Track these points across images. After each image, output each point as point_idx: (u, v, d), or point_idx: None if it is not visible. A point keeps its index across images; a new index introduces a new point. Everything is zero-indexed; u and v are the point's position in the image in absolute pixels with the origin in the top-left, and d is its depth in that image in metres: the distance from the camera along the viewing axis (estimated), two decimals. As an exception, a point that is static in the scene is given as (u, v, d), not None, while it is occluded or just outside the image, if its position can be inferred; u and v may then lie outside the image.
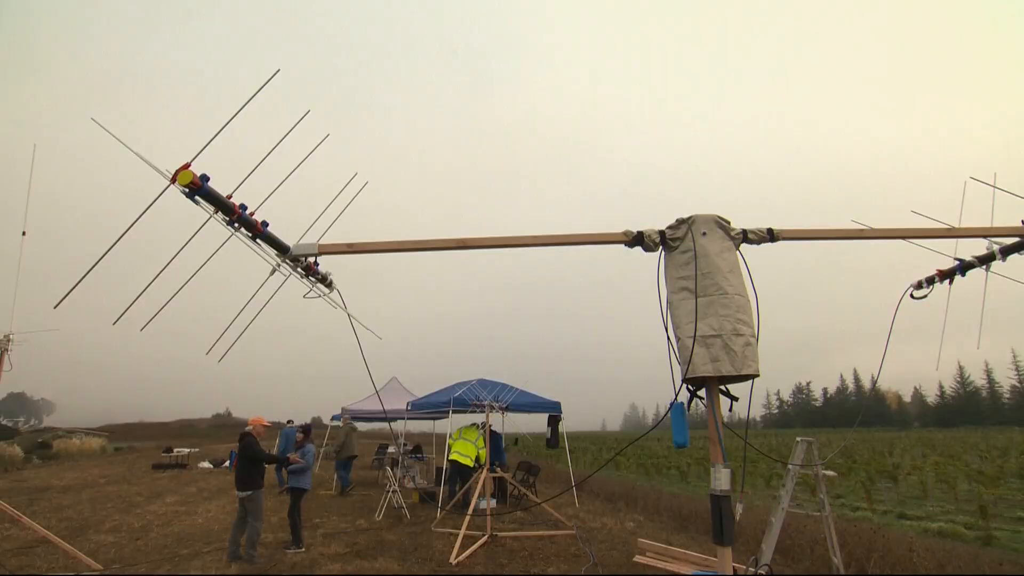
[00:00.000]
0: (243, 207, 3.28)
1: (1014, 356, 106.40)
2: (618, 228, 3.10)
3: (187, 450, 25.31)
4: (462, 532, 7.83)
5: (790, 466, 6.26)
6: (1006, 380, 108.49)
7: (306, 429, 8.68)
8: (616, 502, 12.32)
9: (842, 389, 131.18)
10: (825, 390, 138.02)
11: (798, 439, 6.43)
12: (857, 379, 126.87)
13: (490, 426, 12.16)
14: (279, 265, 3.67)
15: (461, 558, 7.20)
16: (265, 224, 3.46)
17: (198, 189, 2.93)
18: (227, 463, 21.82)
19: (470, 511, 8.59)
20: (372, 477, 17.86)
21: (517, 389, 12.20)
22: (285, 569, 6.79)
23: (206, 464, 22.98)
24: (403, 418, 14.29)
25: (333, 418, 17.09)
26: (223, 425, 78.03)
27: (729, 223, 2.98)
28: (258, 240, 3.51)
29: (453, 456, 11.11)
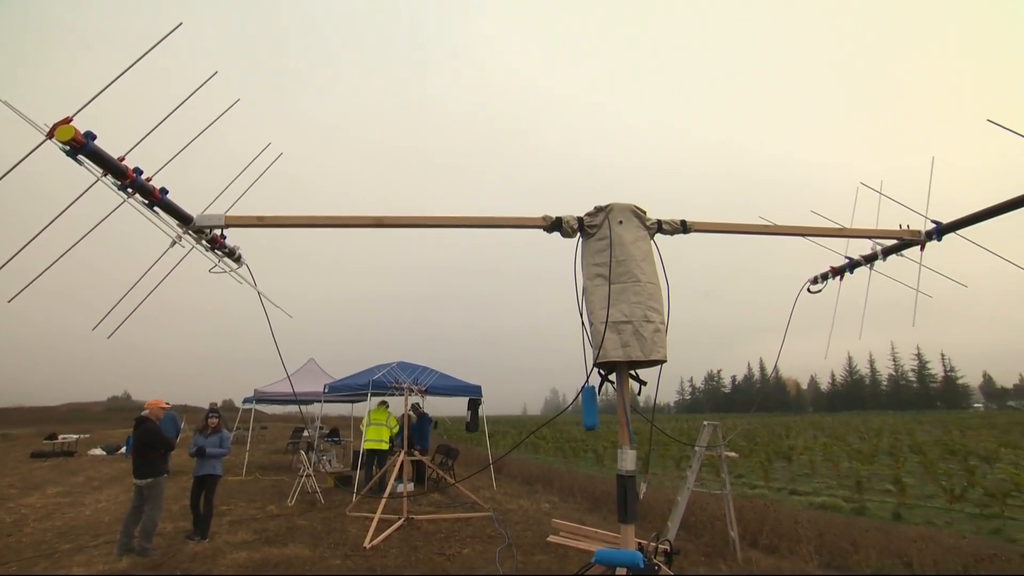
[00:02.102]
0: (138, 171, 3.00)
1: (892, 348, 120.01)
2: (556, 213, 3.09)
3: (75, 436, 23.25)
4: (377, 516, 7.74)
5: (696, 448, 6.67)
6: (885, 369, 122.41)
7: (217, 412, 8.19)
8: (533, 484, 12.61)
9: (749, 376, 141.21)
10: (734, 377, 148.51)
11: (705, 423, 6.86)
12: (762, 367, 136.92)
13: (419, 408, 12.05)
14: (180, 237, 3.41)
15: (375, 542, 7.12)
16: (164, 191, 3.18)
17: (81, 147, 2.64)
18: (123, 449, 20.25)
19: (386, 494, 8.49)
20: (286, 461, 17.23)
21: (437, 372, 12.15)
22: (184, 560, 6.40)
23: (98, 451, 21.24)
24: (320, 401, 13.86)
25: (245, 400, 16.26)
26: (120, 409, 72.10)
27: (645, 213, 3.05)
28: (156, 208, 3.24)
29: (367, 445, 10.95)
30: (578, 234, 3.06)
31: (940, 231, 3.52)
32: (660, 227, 3.09)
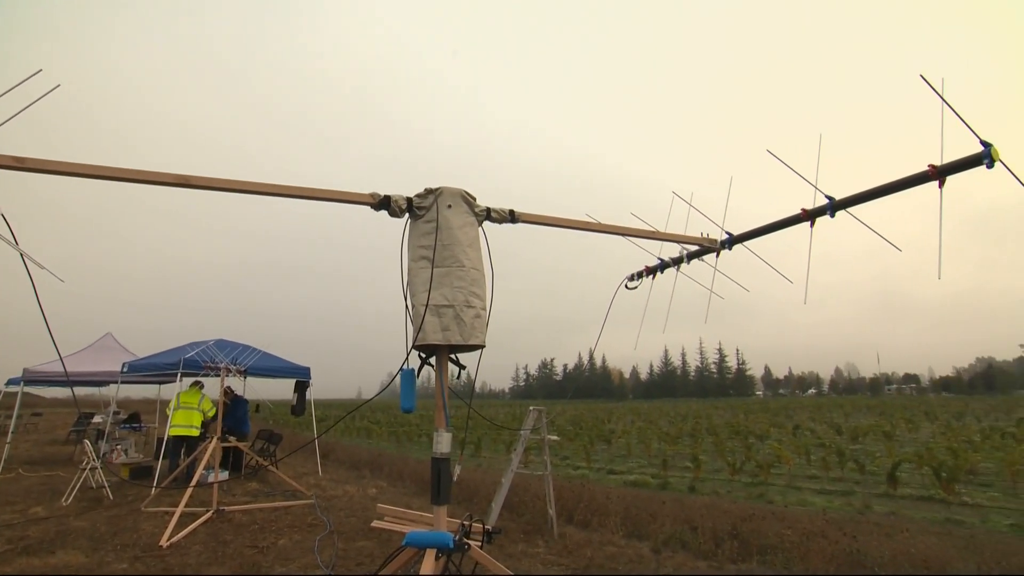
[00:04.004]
0: None
1: (700, 343, 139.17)
2: (392, 191, 2.94)
3: None
4: (179, 509, 6.93)
5: (521, 432, 6.99)
6: (694, 362, 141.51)
7: None
8: (361, 470, 12.27)
9: (579, 365, 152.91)
10: (565, 366, 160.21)
11: (531, 408, 7.21)
12: (591, 357, 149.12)
13: (232, 391, 11.00)
14: None
15: (175, 539, 6.35)
16: None
17: None
18: None
19: (192, 484, 7.64)
20: (66, 453, 14.70)
21: (260, 351, 11.22)
22: None
23: None
24: (116, 382, 12.00)
25: (9, 382, 13.47)
26: None
27: (475, 199, 3.06)
28: None
29: (173, 431, 9.75)
30: (406, 215, 2.97)
31: (731, 241, 4.04)
32: (489, 215, 3.13)
